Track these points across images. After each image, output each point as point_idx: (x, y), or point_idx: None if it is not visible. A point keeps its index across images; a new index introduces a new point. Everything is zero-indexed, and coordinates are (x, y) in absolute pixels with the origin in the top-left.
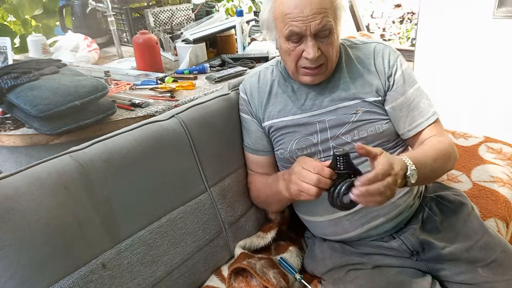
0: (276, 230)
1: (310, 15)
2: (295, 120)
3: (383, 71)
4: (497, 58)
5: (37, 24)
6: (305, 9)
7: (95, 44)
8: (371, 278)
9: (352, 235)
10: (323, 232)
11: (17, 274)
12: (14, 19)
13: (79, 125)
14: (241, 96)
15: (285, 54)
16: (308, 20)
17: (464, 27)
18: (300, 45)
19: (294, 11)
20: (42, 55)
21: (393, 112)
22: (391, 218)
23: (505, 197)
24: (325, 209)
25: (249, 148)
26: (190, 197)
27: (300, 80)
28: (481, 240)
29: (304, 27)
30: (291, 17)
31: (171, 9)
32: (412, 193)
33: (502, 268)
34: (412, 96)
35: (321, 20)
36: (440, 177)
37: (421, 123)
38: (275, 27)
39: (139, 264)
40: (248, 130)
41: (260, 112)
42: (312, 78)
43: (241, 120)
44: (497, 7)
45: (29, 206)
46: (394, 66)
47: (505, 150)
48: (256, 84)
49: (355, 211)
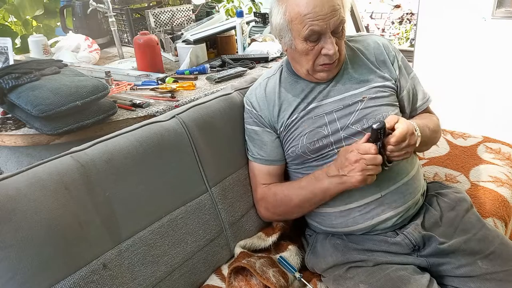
0: (278, 235)
1: (328, 12)
2: (305, 114)
3: (385, 60)
4: (496, 59)
5: (38, 24)
6: (324, 7)
7: (96, 44)
8: (371, 274)
9: (361, 227)
10: (331, 224)
11: (18, 275)
12: (15, 20)
13: (80, 125)
14: (247, 109)
15: (301, 54)
16: (327, 18)
17: (463, 28)
18: (319, 43)
19: (313, 11)
20: (43, 55)
21: (405, 96)
22: (399, 212)
23: (504, 197)
24: (338, 200)
25: (263, 160)
26: (191, 197)
27: (315, 77)
28: (479, 232)
29: (324, 25)
30: (311, 17)
31: (171, 9)
32: (420, 189)
33: (501, 259)
34: (413, 80)
35: (338, 16)
36: (429, 148)
37: (423, 104)
38: (289, 30)
39: (140, 264)
40: (261, 142)
41: (274, 122)
42: (328, 73)
43: (250, 133)
44: (496, 7)
45: (30, 207)
46: (394, 54)
47: (503, 150)
48: (263, 95)
49: (367, 203)
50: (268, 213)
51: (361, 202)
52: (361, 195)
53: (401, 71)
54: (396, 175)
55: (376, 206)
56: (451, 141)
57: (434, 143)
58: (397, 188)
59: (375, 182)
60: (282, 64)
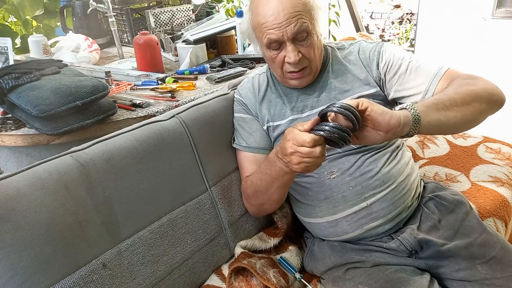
0: (280, 239)
1: (284, 20)
2: (288, 123)
3: (370, 65)
4: (496, 58)
5: (38, 24)
6: (279, 15)
7: (96, 44)
8: (370, 275)
9: (351, 236)
10: (322, 233)
11: (18, 274)
12: (15, 20)
13: (80, 125)
14: (237, 98)
15: (269, 61)
16: (283, 26)
17: (463, 28)
18: (281, 51)
19: (269, 20)
20: (43, 55)
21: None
22: (390, 218)
23: (504, 197)
24: (324, 211)
25: (251, 148)
26: (191, 197)
27: (288, 84)
28: (480, 237)
29: (280, 34)
30: (267, 26)
31: (171, 9)
32: (411, 193)
33: (501, 265)
34: (408, 70)
35: (296, 23)
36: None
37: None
38: (255, 37)
39: (140, 264)
40: (250, 129)
41: (257, 111)
42: (299, 81)
43: (239, 121)
44: (496, 7)
45: (30, 206)
46: (378, 57)
47: (504, 150)
48: (251, 89)
49: (354, 212)
50: (249, 205)
51: (348, 212)
52: (346, 205)
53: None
54: (382, 183)
55: (364, 215)
56: (451, 141)
57: (479, 113)
58: (383, 196)
59: (359, 192)
60: None
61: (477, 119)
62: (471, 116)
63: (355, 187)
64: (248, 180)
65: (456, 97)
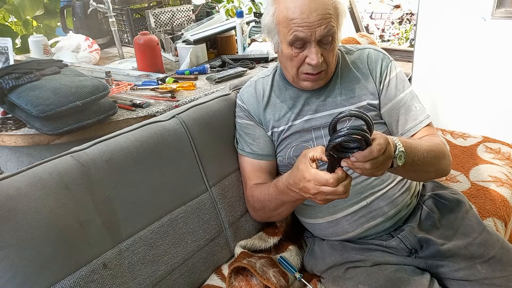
0: (280, 238)
1: (316, 21)
2: (293, 127)
3: (376, 76)
4: (496, 59)
5: (38, 24)
6: (311, 15)
7: (96, 44)
8: (370, 275)
9: (352, 235)
10: (323, 233)
11: (18, 274)
12: (15, 20)
13: (80, 125)
14: (239, 104)
15: (287, 59)
16: (313, 26)
17: (463, 28)
18: (303, 51)
19: (300, 17)
20: (43, 55)
21: (386, 115)
22: (389, 217)
23: (504, 197)
24: (324, 211)
25: (255, 155)
26: (191, 197)
27: (300, 85)
28: (480, 237)
29: (309, 33)
30: (297, 23)
31: (171, 10)
32: (410, 192)
33: (500, 264)
34: (403, 100)
35: (326, 26)
36: (434, 175)
37: (414, 126)
38: (277, 32)
39: (140, 264)
40: (254, 136)
41: (261, 116)
42: (313, 83)
43: (242, 127)
44: (496, 7)
45: (30, 206)
46: (385, 72)
47: (503, 150)
48: (253, 94)
49: (354, 211)
50: (255, 215)
51: (348, 211)
52: (346, 205)
53: (387, 89)
54: (381, 182)
55: (364, 214)
56: (451, 141)
57: (439, 170)
58: (383, 195)
59: (359, 191)
60: (277, 66)
61: (425, 179)
62: (427, 175)
63: (354, 186)
64: (254, 192)
65: (428, 155)
